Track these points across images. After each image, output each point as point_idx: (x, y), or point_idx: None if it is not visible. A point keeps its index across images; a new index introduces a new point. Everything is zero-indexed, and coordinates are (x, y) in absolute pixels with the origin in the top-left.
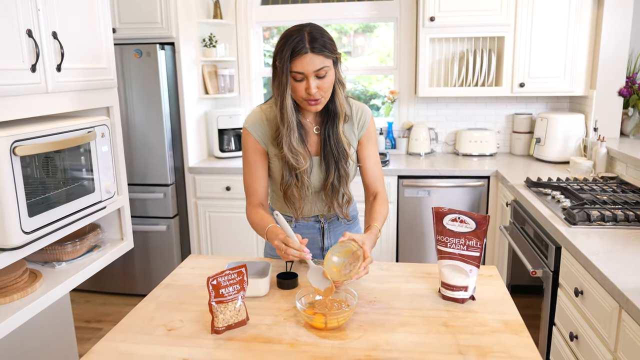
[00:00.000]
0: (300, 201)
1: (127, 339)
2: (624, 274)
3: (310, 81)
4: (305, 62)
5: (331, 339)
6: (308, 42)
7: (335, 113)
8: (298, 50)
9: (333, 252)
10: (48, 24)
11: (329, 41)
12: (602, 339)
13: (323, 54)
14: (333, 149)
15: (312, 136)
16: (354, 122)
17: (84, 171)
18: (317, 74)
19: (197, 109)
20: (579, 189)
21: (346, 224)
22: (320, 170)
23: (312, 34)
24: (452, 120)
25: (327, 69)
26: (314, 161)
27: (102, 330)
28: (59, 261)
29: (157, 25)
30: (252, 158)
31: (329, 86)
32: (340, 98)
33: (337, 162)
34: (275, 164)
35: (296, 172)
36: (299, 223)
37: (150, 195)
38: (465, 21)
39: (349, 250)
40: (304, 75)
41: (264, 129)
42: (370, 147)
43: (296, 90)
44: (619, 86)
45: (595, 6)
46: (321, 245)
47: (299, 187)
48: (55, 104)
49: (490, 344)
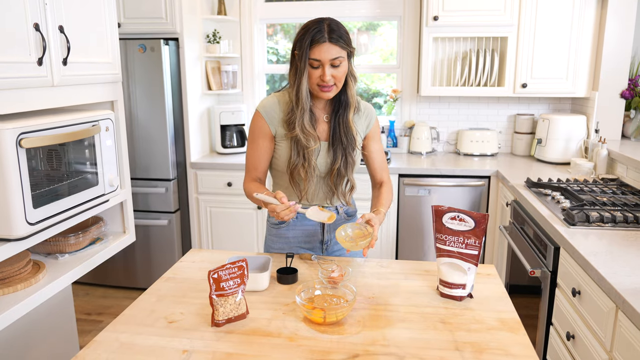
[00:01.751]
0: (305, 182)
1: (128, 330)
2: (621, 275)
3: (326, 69)
4: (323, 51)
5: (329, 333)
6: (327, 33)
7: (347, 103)
8: (317, 40)
9: (348, 226)
10: (55, 18)
11: (345, 34)
12: (598, 338)
13: (339, 44)
14: (342, 136)
15: (322, 123)
16: (362, 118)
17: (88, 164)
18: (332, 63)
19: (200, 105)
20: (579, 190)
21: (346, 219)
22: (327, 155)
23: (331, 25)
24: (453, 120)
25: (341, 59)
26: (322, 146)
27: (102, 322)
28: (62, 253)
29: (161, 21)
30: (259, 140)
31: (342, 76)
32: (352, 90)
33: (345, 148)
34: (282, 147)
35: (304, 152)
36: (301, 215)
37: (152, 189)
38: (469, 21)
39: (361, 232)
40: (320, 62)
41: (275, 112)
42: (375, 142)
43: (312, 76)
44: (621, 88)
45: (599, 8)
46: (321, 238)
47: (305, 167)
48: (60, 97)
49: (487, 341)
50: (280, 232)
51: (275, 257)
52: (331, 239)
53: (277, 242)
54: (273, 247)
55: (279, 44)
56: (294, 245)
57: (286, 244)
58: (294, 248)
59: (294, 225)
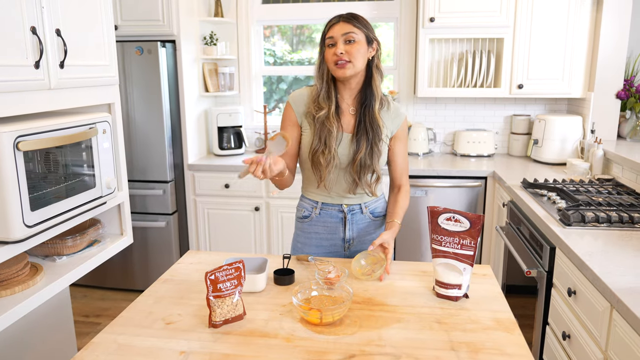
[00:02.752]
0: (324, 169)
1: (126, 331)
2: (616, 275)
3: (339, 44)
4: (336, 28)
5: (326, 334)
6: (342, 16)
7: (373, 96)
8: (333, 22)
9: (361, 256)
10: (52, 21)
11: (362, 19)
12: (593, 338)
13: (352, 23)
14: (368, 127)
15: (347, 116)
16: (391, 116)
17: (85, 167)
18: (345, 38)
19: (197, 107)
20: (575, 190)
21: (372, 220)
22: (350, 146)
23: (349, 13)
24: (450, 121)
25: (354, 35)
26: (345, 136)
27: (100, 324)
28: (60, 255)
29: (158, 23)
30: (287, 128)
31: (356, 52)
32: (377, 82)
33: (372, 139)
34: (306, 135)
35: (326, 138)
36: (323, 211)
37: (149, 191)
38: (465, 22)
39: (375, 259)
40: (334, 39)
41: (303, 102)
42: (401, 144)
43: (328, 55)
44: (616, 89)
45: (594, 9)
46: (342, 236)
47: (325, 154)
48: (58, 100)
49: (482, 341)
50: (304, 227)
51: (273, 258)
52: (354, 238)
53: (301, 235)
54: (297, 241)
55: (276, 45)
56: (315, 241)
57: (308, 238)
58: (315, 244)
59: (316, 220)
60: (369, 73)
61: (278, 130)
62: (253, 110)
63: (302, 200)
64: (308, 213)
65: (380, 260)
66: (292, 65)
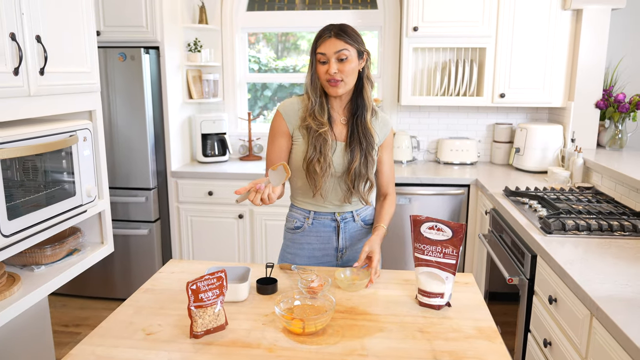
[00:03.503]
0: (320, 179)
1: (105, 343)
2: (596, 282)
3: (332, 62)
4: (327, 45)
5: (309, 344)
6: (333, 30)
7: (364, 106)
8: (324, 36)
9: (347, 269)
10: (32, 27)
11: (353, 33)
12: (574, 345)
13: (344, 39)
14: (361, 137)
15: (339, 125)
16: (379, 126)
17: (65, 174)
18: (337, 57)
19: (181, 114)
20: (556, 198)
21: (363, 227)
22: (344, 155)
23: (339, 26)
24: (434, 129)
25: (347, 53)
26: (339, 145)
27: (80, 334)
28: (38, 264)
29: (142, 29)
30: (277, 138)
31: (349, 71)
32: (368, 93)
33: (365, 149)
34: (298, 144)
35: (321, 147)
36: (316, 220)
37: (132, 199)
38: (448, 32)
39: (358, 277)
40: (326, 56)
41: (294, 111)
42: (387, 153)
43: (320, 71)
44: (596, 98)
45: (574, 20)
46: (336, 245)
47: (321, 162)
48: (37, 107)
49: (464, 349)
50: (295, 238)
51: (256, 267)
52: (346, 247)
53: (291, 246)
54: (286, 252)
55: (261, 52)
56: (307, 252)
57: (299, 249)
58: (307, 255)
59: (309, 230)
60: (359, 83)
61: (263, 137)
62: (237, 118)
63: (292, 210)
64: (300, 223)
65: (365, 274)
66: (277, 72)
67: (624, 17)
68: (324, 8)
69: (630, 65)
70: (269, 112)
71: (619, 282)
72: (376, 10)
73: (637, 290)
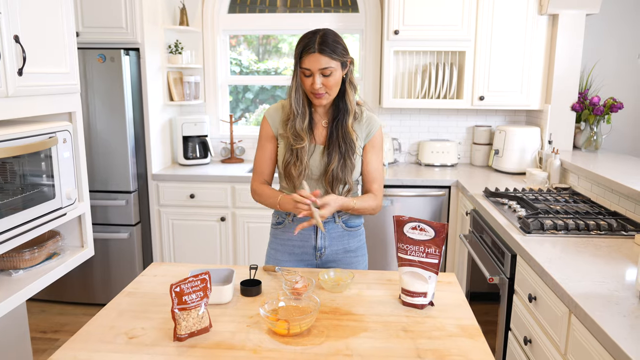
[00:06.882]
0: (297, 181)
1: (86, 347)
2: (574, 280)
3: (316, 77)
4: (312, 60)
5: (294, 344)
6: (317, 44)
7: (346, 110)
8: (307, 49)
9: (331, 270)
10: (10, 27)
11: (338, 46)
12: (553, 342)
13: (329, 55)
14: (340, 141)
15: (320, 128)
16: (363, 127)
17: (44, 177)
18: (322, 72)
19: (162, 116)
20: (534, 199)
21: (345, 230)
22: (322, 158)
23: (323, 37)
24: (415, 131)
25: (332, 69)
26: (318, 148)
27: (58, 340)
28: (16, 269)
29: (121, 30)
30: (264, 143)
31: (333, 84)
32: (351, 97)
33: (344, 153)
34: (281, 148)
35: (297, 151)
36: (297, 218)
37: (112, 202)
38: (428, 35)
39: (341, 279)
40: (310, 71)
41: (278, 115)
42: (373, 153)
43: (305, 84)
44: (571, 101)
45: (550, 25)
46: (314, 244)
47: (297, 165)
48: (16, 108)
49: (448, 347)
50: (277, 233)
51: (239, 269)
52: (325, 247)
53: (274, 242)
54: (270, 247)
55: (242, 55)
56: (287, 248)
57: (281, 245)
58: (288, 251)
59: (289, 227)
60: (342, 87)
61: (244, 140)
62: (219, 120)
63: None
64: (282, 219)
65: (349, 275)
66: (258, 74)
67: (598, 22)
68: (306, 11)
69: (604, 69)
70: (251, 115)
71: (596, 280)
72: (357, 13)
73: (614, 287)
